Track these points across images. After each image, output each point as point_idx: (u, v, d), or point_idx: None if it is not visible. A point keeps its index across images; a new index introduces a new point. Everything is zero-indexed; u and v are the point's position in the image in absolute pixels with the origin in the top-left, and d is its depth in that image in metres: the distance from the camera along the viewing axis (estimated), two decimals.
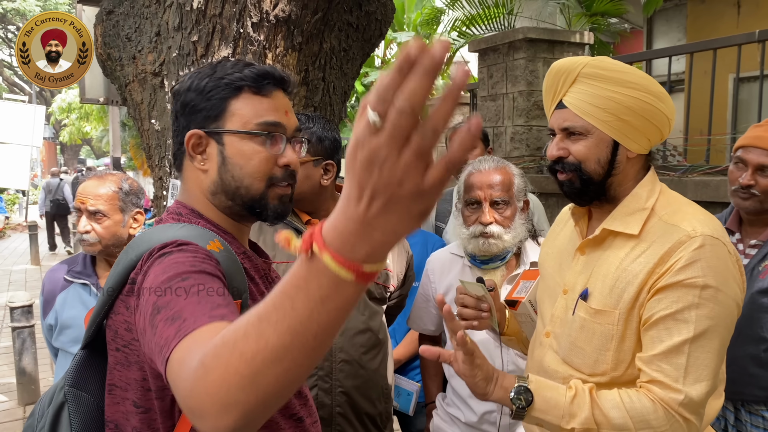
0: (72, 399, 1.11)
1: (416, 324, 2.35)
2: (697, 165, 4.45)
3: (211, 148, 1.16)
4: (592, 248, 1.50)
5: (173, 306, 0.89)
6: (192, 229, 1.10)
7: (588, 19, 8.13)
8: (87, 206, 2.12)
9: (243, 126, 1.15)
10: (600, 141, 1.41)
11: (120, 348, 1.07)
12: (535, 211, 2.98)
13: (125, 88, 2.83)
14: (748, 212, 2.22)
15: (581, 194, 1.48)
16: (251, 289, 1.15)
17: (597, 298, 1.43)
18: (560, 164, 1.47)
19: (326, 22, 2.66)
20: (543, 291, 1.66)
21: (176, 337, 0.83)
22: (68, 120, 25.51)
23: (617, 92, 1.38)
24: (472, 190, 2.06)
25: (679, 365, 1.29)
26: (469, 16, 8.71)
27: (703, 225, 1.35)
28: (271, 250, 1.99)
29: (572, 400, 1.34)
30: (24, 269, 11.51)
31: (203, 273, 0.96)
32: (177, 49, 2.54)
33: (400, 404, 2.61)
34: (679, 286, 1.31)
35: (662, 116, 1.41)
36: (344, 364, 1.98)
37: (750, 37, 4.28)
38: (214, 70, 1.17)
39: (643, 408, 1.30)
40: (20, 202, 19.94)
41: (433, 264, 2.28)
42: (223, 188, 1.17)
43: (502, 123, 5.89)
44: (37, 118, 13.30)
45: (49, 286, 2.22)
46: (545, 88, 1.51)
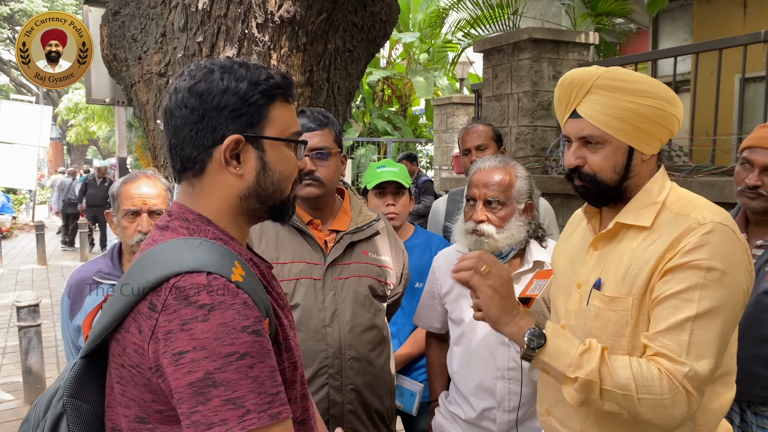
0: (71, 409, 1.10)
1: (422, 321, 2.38)
2: (703, 165, 4.44)
3: (249, 154, 1.16)
4: (605, 242, 1.55)
5: (235, 388, 0.96)
6: (209, 250, 1.08)
7: (593, 19, 8.12)
8: (150, 207, 2.15)
9: (281, 133, 1.18)
10: (617, 149, 1.48)
11: (126, 366, 1.06)
12: (546, 215, 2.99)
13: (131, 88, 2.85)
14: (755, 212, 2.23)
15: (598, 199, 1.55)
16: (271, 303, 1.16)
17: (610, 286, 1.48)
18: (577, 173, 1.53)
19: (331, 22, 2.67)
20: (557, 288, 1.70)
21: (238, 426, 0.95)
22: (75, 120, 25.65)
23: (631, 101, 1.43)
24: (471, 186, 2.09)
25: (682, 341, 1.33)
26: (474, 16, 8.72)
27: (713, 214, 1.40)
28: (274, 251, 2.01)
29: (583, 352, 1.38)
30: (31, 269, 11.57)
31: (260, 347, 1.01)
32: (182, 49, 2.55)
33: (404, 404, 2.62)
34: (685, 267, 1.36)
35: (673, 118, 1.47)
36: (353, 361, 2.00)
37: (756, 37, 4.27)
38: (245, 73, 1.16)
39: (649, 374, 1.33)
40: (27, 202, 20.04)
41: (439, 262, 2.30)
42: (258, 192, 1.18)
43: (506, 123, 5.89)
44: (44, 119, 13.38)
45: (77, 288, 2.22)
46: (557, 99, 1.56)
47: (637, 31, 9.69)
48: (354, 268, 2.05)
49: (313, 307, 1.97)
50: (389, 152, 12.66)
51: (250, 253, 1.25)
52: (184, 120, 1.15)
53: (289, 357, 1.16)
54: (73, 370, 1.13)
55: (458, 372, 2.15)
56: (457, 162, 7.62)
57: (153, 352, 1.00)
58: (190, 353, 0.97)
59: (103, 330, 1.08)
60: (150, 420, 1.05)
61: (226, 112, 1.13)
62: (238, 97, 1.14)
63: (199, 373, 0.96)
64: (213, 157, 1.15)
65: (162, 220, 1.18)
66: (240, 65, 1.17)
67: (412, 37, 14.55)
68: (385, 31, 3.13)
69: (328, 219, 2.11)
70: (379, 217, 2.18)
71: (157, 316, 1.00)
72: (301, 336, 1.94)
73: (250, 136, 1.15)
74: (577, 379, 1.36)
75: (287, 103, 1.21)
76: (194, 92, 1.14)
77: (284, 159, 1.20)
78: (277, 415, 0.99)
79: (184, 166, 1.17)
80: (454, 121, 10.44)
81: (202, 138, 1.14)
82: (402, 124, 15.32)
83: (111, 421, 1.11)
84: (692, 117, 4.87)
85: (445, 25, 10.91)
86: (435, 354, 2.39)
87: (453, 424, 2.16)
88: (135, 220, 2.15)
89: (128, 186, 2.18)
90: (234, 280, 1.04)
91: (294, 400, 1.17)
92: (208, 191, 1.17)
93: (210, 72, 1.15)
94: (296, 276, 1.98)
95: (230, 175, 1.16)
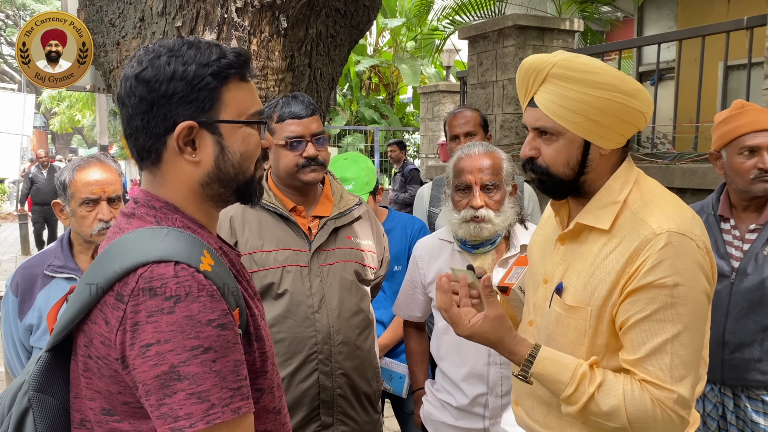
0: (37, 404, 1.08)
1: (402, 311, 2.36)
2: (685, 152, 4.47)
3: (204, 139, 1.12)
4: (570, 240, 1.52)
5: (200, 382, 0.96)
6: (177, 239, 1.05)
7: (578, 7, 8.12)
8: (109, 194, 2.05)
9: (239, 115, 1.14)
10: (570, 142, 1.41)
11: (93, 357, 1.04)
12: (531, 201, 2.98)
13: (110, 74, 2.81)
14: (756, 196, 2.21)
15: (554, 192, 1.50)
16: (242, 292, 1.14)
17: (571, 293, 1.46)
18: (530, 164, 1.48)
19: (312, 7, 2.64)
20: (529, 278, 1.69)
21: (203, 420, 0.95)
22: (59, 108, 25.37)
23: (586, 93, 1.36)
24: (462, 174, 2.06)
25: (664, 365, 1.32)
26: (460, 3, 8.69)
27: (669, 220, 1.35)
28: (258, 239, 2.00)
29: (576, 388, 1.37)
30: (14, 258, 11.47)
31: (224, 341, 1.00)
32: (161, 34, 2.52)
33: (393, 387, 2.63)
34: (650, 287, 1.33)
35: (635, 113, 1.39)
36: (342, 345, 2.01)
37: (738, 24, 4.28)
38: (194, 55, 1.11)
39: (642, 405, 1.33)
40: (11, 192, 19.83)
41: (421, 251, 2.28)
42: (219, 177, 1.14)
43: (491, 111, 5.89)
44: (27, 107, 13.18)
45: (26, 284, 2.09)
46: (518, 85, 1.50)
47: (623, 19, 9.70)
48: (339, 253, 2.06)
49: (301, 294, 1.97)
50: (376, 140, 12.63)
51: (220, 241, 1.22)
52: (134, 109, 1.11)
53: (260, 347, 1.15)
54: (38, 364, 1.10)
55: (447, 359, 2.15)
56: (443, 150, 7.61)
57: (120, 343, 0.99)
58: (155, 346, 0.96)
59: (69, 322, 1.06)
60: (116, 412, 1.04)
61: (176, 99, 1.09)
62: (186, 83, 1.09)
63: (165, 366, 0.95)
64: (168, 146, 1.12)
65: (128, 207, 1.15)
66: (189, 45, 1.12)
67: (398, 21, 14.49)
68: (368, 16, 3.10)
69: (311, 205, 2.10)
70: (360, 202, 2.18)
71: (124, 307, 0.98)
72: (290, 323, 1.95)
73: (203, 121, 1.11)
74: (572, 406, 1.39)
75: (243, 81, 1.16)
76: (141, 80, 1.10)
77: (244, 140, 1.15)
78: (237, 410, 0.99)
79: (140, 155, 1.14)
80: (440, 109, 10.42)
81: (153, 127, 1.11)
82: (389, 113, 15.29)
83: (79, 412, 1.09)
84: (676, 104, 4.89)
85: (431, 12, 10.87)
86: (415, 343, 2.39)
87: (443, 412, 2.17)
88: (94, 208, 2.04)
89: (82, 173, 2.05)
90: (202, 270, 1.02)
91: (269, 390, 1.17)
92: (168, 179, 1.14)
93: (157, 57, 1.10)
94: (282, 263, 1.98)
95: (184, 162, 1.13)
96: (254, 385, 1.11)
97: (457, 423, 2.11)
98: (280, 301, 1.96)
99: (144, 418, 1.03)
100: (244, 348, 1.08)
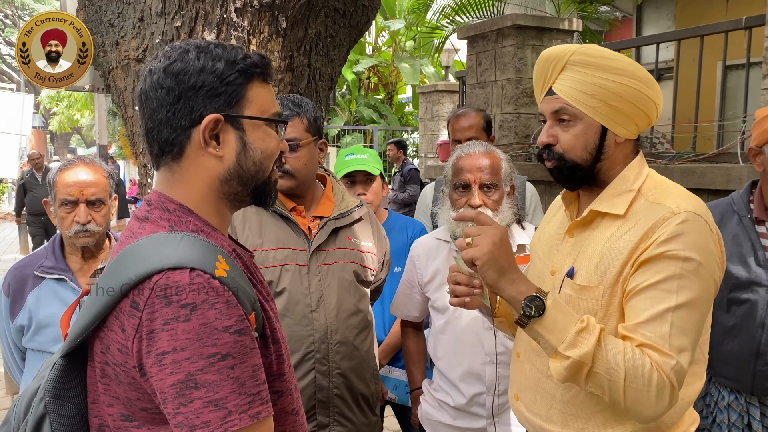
0: (54, 410, 1.07)
1: (399, 310, 2.36)
2: (684, 152, 4.47)
3: (228, 134, 1.13)
4: (581, 230, 1.53)
5: (217, 389, 0.95)
6: (191, 244, 1.05)
7: (577, 7, 8.13)
8: (87, 197, 2.02)
9: (261, 113, 1.16)
10: (589, 127, 1.45)
11: (110, 364, 1.04)
12: (533, 200, 2.98)
13: (109, 74, 2.82)
14: None
15: (569, 179, 1.52)
16: (257, 295, 1.14)
17: (582, 275, 1.46)
18: (547, 151, 1.51)
19: (311, 7, 2.65)
20: (532, 274, 1.69)
21: (221, 428, 0.95)
22: (58, 108, 25.33)
23: (605, 78, 1.41)
24: (461, 173, 2.07)
25: (663, 332, 1.32)
26: (459, 3, 8.69)
27: (687, 203, 1.38)
28: (258, 238, 2.00)
29: (580, 331, 1.34)
30: (13, 258, 11.47)
31: (242, 347, 0.99)
32: (160, 34, 2.52)
33: (399, 396, 2.61)
34: (661, 257, 1.34)
35: (649, 102, 1.44)
36: (340, 345, 2.01)
37: (737, 24, 4.29)
38: (221, 53, 1.13)
39: (641, 365, 1.30)
40: (9, 191, 19.82)
41: (419, 250, 2.28)
42: (239, 174, 1.15)
43: (490, 110, 5.89)
44: (26, 107, 13.19)
45: (17, 285, 2.07)
46: (535, 76, 1.54)
47: (621, 19, 9.71)
48: (338, 253, 2.06)
49: (299, 292, 1.97)
50: (375, 140, 12.63)
51: (233, 243, 1.22)
52: (160, 101, 1.11)
53: (276, 349, 1.15)
54: (53, 370, 1.10)
55: (444, 359, 2.15)
56: (442, 150, 7.62)
57: (137, 351, 0.98)
58: (171, 354, 0.95)
59: (84, 329, 1.06)
60: (135, 418, 1.04)
61: (204, 91, 1.11)
62: (215, 76, 1.11)
63: (181, 375, 0.95)
64: (192, 139, 1.12)
65: (141, 211, 1.15)
66: (216, 45, 1.15)
67: (399, 24, 14.48)
68: (367, 16, 3.11)
69: (311, 205, 2.11)
70: (361, 203, 2.18)
71: (140, 315, 0.98)
72: (288, 321, 1.95)
73: (229, 115, 1.12)
74: (569, 358, 1.33)
75: (265, 83, 1.19)
76: (170, 72, 1.11)
77: (265, 138, 1.17)
78: (257, 415, 0.98)
79: (162, 149, 1.14)
80: (439, 108, 10.42)
81: (179, 119, 1.11)
82: (388, 112, 15.28)
83: (97, 418, 1.09)
84: (674, 104, 4.90)
85: (429, 11, 10.87)
86: (412, 342, 2.39)
87: (440, 411, 2.17)
88: (73, 210, 2.02)
89: (64, 174, 2.04)
90: (218, 276, 1.02)
91: (287, 392, 1.17)
92: (187, 175, 1.14)
93: (186, 52, 1.12)
94: (281, 262, 1.98)
95: (210, 156, 1.13)
96: (272, 388, 1.11)
97: (455, 423, 2.12)
98: (278, 299, 1.96)
99: (163, 423, 1.02)
100: (261, 351, 1.08)
